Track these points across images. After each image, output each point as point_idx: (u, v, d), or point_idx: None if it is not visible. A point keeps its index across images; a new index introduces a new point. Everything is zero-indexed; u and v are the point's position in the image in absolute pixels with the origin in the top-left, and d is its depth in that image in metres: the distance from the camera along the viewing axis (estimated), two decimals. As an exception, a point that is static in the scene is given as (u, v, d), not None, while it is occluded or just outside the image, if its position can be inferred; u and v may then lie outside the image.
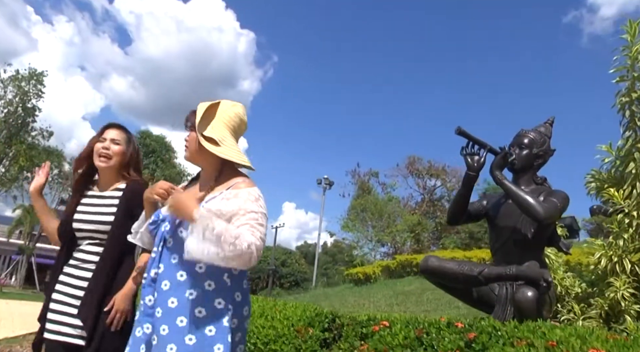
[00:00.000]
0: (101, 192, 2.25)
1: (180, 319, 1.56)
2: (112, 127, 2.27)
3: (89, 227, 2.15)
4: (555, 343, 1.87)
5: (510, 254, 2.84)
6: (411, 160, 31.85)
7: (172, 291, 1.59)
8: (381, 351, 2.27)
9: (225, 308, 1.58)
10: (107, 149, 2.20)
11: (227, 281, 1.62)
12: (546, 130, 3.16)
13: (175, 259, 1.63)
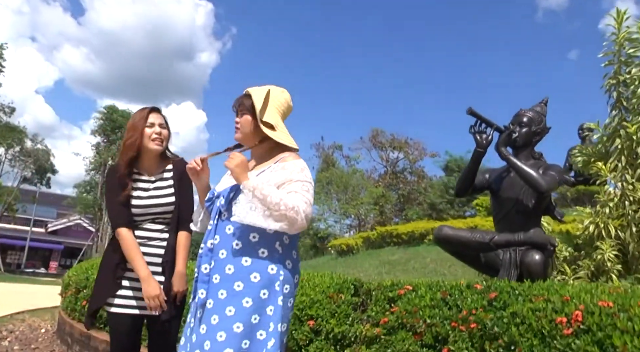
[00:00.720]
0: (154, 176, 2.38)
1: (237, 284, 1.74)
2: (154, 112, 2.38)
3: (155, 210, 2.32)
4: (569, 298, 2.19)
5: (513, 223, 3.15)
6: (374, 133, 32.23)
7: (228, 259, 1.77)
8: (411, 312, 2.54)
9: (277, 274, 1.77)
10: (160, 133, 2.34)
11: (278, 249, 1.80)
12: (542, 109, 3.46)
13: (230, 229, 1.81)
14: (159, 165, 2.41)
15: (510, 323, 2.23)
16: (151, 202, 2.32)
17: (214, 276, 1.79)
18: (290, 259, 1.84)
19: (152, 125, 2.33)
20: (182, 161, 2.44)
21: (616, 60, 3.43)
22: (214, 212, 1.88)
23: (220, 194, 1.89)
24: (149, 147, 2.32)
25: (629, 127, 3.22)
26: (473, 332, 2.33)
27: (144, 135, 2.31)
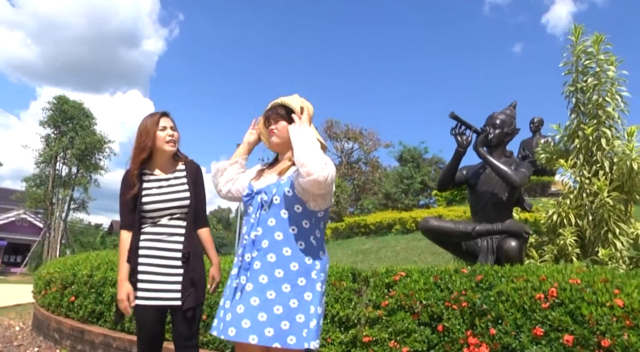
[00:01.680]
0: (167, 175, 2.56)
1: (278, 271, 1.97)
2: (165, 116, 2.56)
3: (171, 205, 2.50)
4: (545, 277, 2.59)
5: (488, 214, 3.56)
6: (329, 124, 32.65)
7: (270, 249, 2.00)
8: (408, 295, 2.88)
9: (313, 264, 2.03)
10: (172, 135, 2.53)
11: (313, 242, 2.05)
12: (511, 112, 3.88)
13: (272, 222, 2.04)
14: (172, 165, 2.60)
15: (496, 301, 2.61)
16: (167, 197, 2.50)
17: (255, 263, 2.01)
18: (323, 251, 2.12)
19: (164, 129, 2.51)
20: (193, 162, 2.66)
21: (574, 69, 3.89)
22: (256, 206, 2.10)
23: (261, 190, 2.11)
24: (164, 149, 2.51)
25: (586, 129, 3.68)
26: (464, 310, 2.70)
27: (157, 138, 2.49)
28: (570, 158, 3.82)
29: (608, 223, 3.42)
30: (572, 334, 2.32)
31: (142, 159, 2.49)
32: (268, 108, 2.24)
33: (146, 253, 2.48)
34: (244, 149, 2.35)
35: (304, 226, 2.04)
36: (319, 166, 1.87)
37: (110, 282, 4.46)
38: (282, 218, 2.03)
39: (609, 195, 3.42)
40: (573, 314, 2.37)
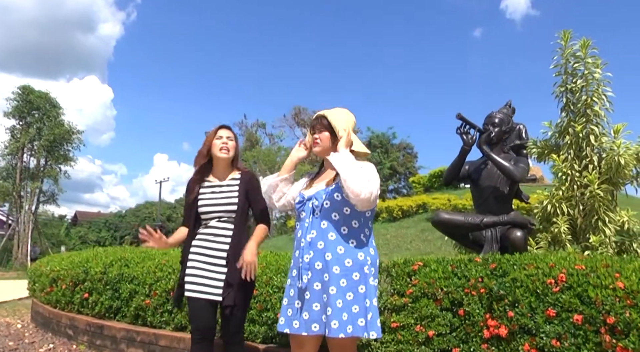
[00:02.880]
0: (221, 182, 2.82)
1: (335, 268, 2.23)
2: (224, 128, 2.85)
3: (219, 209, 2.75)
4: (553, 264, 2.93)
5: (491, 206, 3.89)
6: (297, 111, 32.73)
7: (326, 249, 2.26)
8: (429, 283, 3.18)
9: (365, 259, 2.28)
10: (226, 144, 2.78)
11: (363, 240, 2.32)
12: (508, 111, 4.21)
13: (324, 225, 2.29)
14: (228, 173, 2.86)
15: (512, 286, 2.93)
16: (216, 201, 2.77)
17: (315, 263, 2.26)
18: (372, 247, 2.38)
19: (220, 138, 2.80)
20: (248, 171, 2.92)
21: (563, 71, 4.23)
22: (308, 211, 2.36)
23: (312, 197, 2.37)
24: (218, 156, 2.79)
25: (576, 126, 4.05)
26: (482, 296, 3.02)
27: (213, 145, 2.78)
28: (561, 153, 4.18)
29: (598, 212, 3.80)
30: (581, 314, 2.66)
31: (200, 164, 2.77)
32: (313, 118, 2.50)
33: (195, 250, 2.76)
34: (291, 165, 2.57)
35: (353, 225, 2.30)
36: (361, 189, 2.12)
37: (127, 278, 4.60)
38: (333, 220, 2.28)
39: (598, 187, 3.80)
40: (581, 296, 2.71)
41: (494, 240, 3.76)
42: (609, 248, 3.79)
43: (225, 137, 2.80)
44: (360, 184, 2.14)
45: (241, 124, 33.18)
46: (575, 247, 3.94)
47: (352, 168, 2.19)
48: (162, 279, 4.26)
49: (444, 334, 3.03)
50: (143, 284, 4.38)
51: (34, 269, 7.00)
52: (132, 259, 4.84)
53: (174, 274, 4.21)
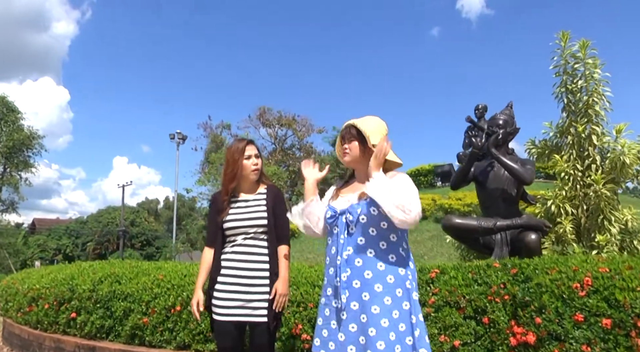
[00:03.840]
0: (247, 197, 2.67)
1: (377, 286, 2.10)
2: (250, 144, 2.68)
3: (243, 224, 2.58)
4: (577, 268, 2.91)
5: (499, 208, 3.86)
6: (262, 111, 32.41)
7: (365, 266, 2.13)
8: (451, 291, 3.11)
9: (405, 274, 2.16)
10: (257, 164, 2.64)
11: (402, 254, 2.20)
12: (510, 112, 4.20)
13: (362, 241, 2.16)
14: (254, 188, 2.71)
15: (537, 292, 2.89)
16: (242, 217, 2.60)
17: (353, 282, 2.13)
18: (411, 260, 2.27)
19: (249, 158, 2.62)
20: (274, 186, 2.77)
21: (562, 71, 4.26)
22: (342, 227, 2.22)
23: (345, 211, 2.23)
24: (250, 178, 2.64)
25: (578, 126, 4.07)
26: (506, 302, 2.97)
27: (244, 167, 2.61)
28: (563, 153, 4.20)
29: (604, 211, 3.84)
30: (609, 318, 2.64)
31: (232, 187, 2.61)
32: (342, 128, 2.37)
33: (225, 272, 2.56)
34: (312, 188, 2.43)
35: (391, 239, 2.18)
36: (406, 216, 2.01)
37: (119, 295, 4.36)
38: (370, 236, 2.16)
39: (604, 186, 3.83)
40: (608, 299, 2.69)
41: (504, 243, 3.73)
42: (615, 247, 3.82)
43: (254, 156, 2.65)
44: (404, 211, 2.03)
45: (205, 125, 32.64)
46: (581, 247, 3.96)
47: (392, 197, 2.05)
48: (160, 296, 4.04)
49: (469, 344, 2.96)
50: (139, 302, 4.14)
51: (5, 287, 6.58)
52: (123, 275, 4.58)
53: (173, 290, 4.00)
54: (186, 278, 4.12)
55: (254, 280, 2.52)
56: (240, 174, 2.60)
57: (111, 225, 41.18)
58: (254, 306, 2.50)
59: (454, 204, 9.34)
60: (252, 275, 2.53)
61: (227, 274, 2.54)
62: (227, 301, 2.50)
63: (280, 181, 27.93)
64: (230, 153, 2.61)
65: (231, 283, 2.52)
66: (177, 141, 35.10)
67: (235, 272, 2.53)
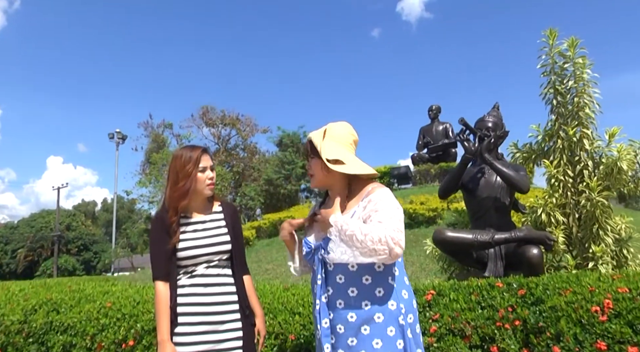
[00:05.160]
0: (202, 217, 2.20)
1: (364, 328, 1.78)
2: (204, 153, 2.20)
3: (207, 251, 2.13)
4: (594, 288, 2.60)
5: (492, 219, 3.55)
6: (204, 110, 31.78)
7: (348, 308, 1.81)
8: (454, 317, 2.73)
9: (397, 308, 1.82)
10: (212, 178, 2.19)
11: (392, 283, 1.85)
12: (498, 114, 3.91)
13: (341, 279, 1.83)
14: (207, 206, 2.25)
15: (552, 317, 2.57)
16: (203, 242, 2.14)
17: (337, 327, 1.81)
18: (405, 287, 1.90)
19: (204, 170, 2.16)
20: (230, 203, 2.37)
21: (551, 72, 4.01)
22: (319, 264, 1.88)
23: (318, 246, 1.89)
24: (204, 193, 2.18)
25: (568, 130, 3.83)
26: (516, 328, 2.63)
27: (198, 181, 2.14)
28: (551, 158, 3.95)
29: (599, 220, 3.60)
30: (635, 346, 2.34)
31: (183, 205, 2.12)
32: None
33: (185, 310, 2.07)
34: (290, 243, 2.12)
35: (377, 270, 1.84)
36: (384, 256, 1.70)
37: (58, 327, 3.69)
38: (350, 272, 1.83)
39: (599, 194, 3.59)
40: (632, 324, 2.40)
41: (498, 257, 3.42)
42: (610, 258, 3.60)
43: (209, 169, 2.18)
44: (382, 254, 1.70)
45: (146, 125, 31.46)
46: (575, 258, 3.71)
47: (364, 244, 1.71)
48: (108, 327, 3.43)
49: (478, 377, 2.60)
50: (82, 335, 3.51)
51: None
52: (62, 302, 3.91)
53: (124, 320, 3.41)
54: (139, 306, 3.52)
55: (223, 316, 2.07)
56: (194, 189, 2.11)
57: (45, 230, 38.68)
58: (225, 347, 2.04)
59: (418, 209, 9.10)
60: (220, 310, 2.07)
61: (188, 313, 2.05)
62: (192, 346, 2.01)
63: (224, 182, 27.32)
64: (181, 163, 2.11)
65: (195, 323, 2.04)
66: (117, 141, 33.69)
67: (199, 309, 2.05)
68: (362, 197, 1.87)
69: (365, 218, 1.80)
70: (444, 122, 15.92)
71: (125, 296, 3.82)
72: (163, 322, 2.00)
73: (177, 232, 2.09)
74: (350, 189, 1.95)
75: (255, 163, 30.44)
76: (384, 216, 1.76)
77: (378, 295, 1.80)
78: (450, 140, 14.92)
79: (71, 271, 37.18)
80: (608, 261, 3.55)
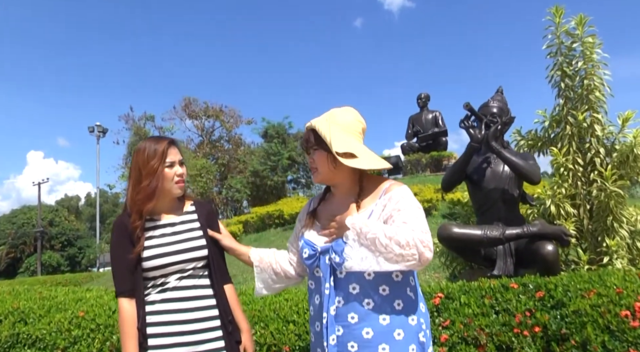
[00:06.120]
0: (173, 219, 1.89)
1: (382, 347, 1.51)
2: (172, 146, 1.87)
3: (178, 259, 1.81)
4: (622, 290, 2.34)
5: (500, 212, 3.27)
6: (187, 102, 31.13)
7: (363, 322, 1.54)
8: (466, 324, 2.46)
9: (418, 323, 1.58)
10: (182, 175, 1.87)
11: (411, 295, 1.61)
12: (502, 99, 3.62)
13: (355, 289, 1.56)
14: (177, 206, 1.93)
15: (576, 322, 2.30)
16: (174, 249, 1.81)
17: (348, 344, 1.54)
18: (421, 300, 1.66)
19: (172, 165, 1.83)
20: (204, 202, 2.05)
21: (558, 53, 3.73)
22: (326, 270, 1.59)
23: (327, 249, 1.60)
24: (172, 192, 1.86)
25: (577, 115, 3.56)
26: (536, 335, 2.36)
27: (165, 178, 1.81)
28: (559, 146, 3.69)
29: (614, 212, 3.35)
30: (672, 354, 2.10)
31: (149, 208, 1.80)
32: (303, 136, 1.74)
33: (156, 331, 1.75)
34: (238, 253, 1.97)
35: (394, 279, 1.58)
36: (412, 262, 1.44)
37: (25, 339, 3.35)
38: (366, 281, 1.56)
39: (613, 183, 3.34)
40: (667, 329, 2.15)
41: (508, 254, 3.15)
42: (624, 251, 3.36)
43: (178, 164, 1.85)
44: (410, 260, 1.44)
45: (127, 117, 30.66)
46: (587, 253, 3.46)
47: (388, 250, 1.44)
48: (81, 340, 3.10)
49: (495, 391, 2.33)
50: (52, 348, 3.18)
51: None
52: (31, 311, 3.56)
53: (98, 332, 3.08)
54: (116, 315, 3.19)
55: (201, 335, 1.76)
56: (161, 188, 1.79)
57: (27, 226, 37.94)
58: None
59: (412, 200, 8.82)
60: (197, 328, 1.76)
61: (160, 334, 1.74)
62: None
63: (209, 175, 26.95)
64: (144, 159, 1.79)
65: (168, 345, 1.73)
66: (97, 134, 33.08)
67: (173, 328, 1.74)
68: (379, 195, 1.62)
69: (386, 218, 1.54)
70: (433, 110, 15.62)
71: (100, 303, 3.48)
72: (130, 347, 1.69)
73: (142, 238, 1.77)
74: (362, 185, 1.68)
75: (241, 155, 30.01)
76: (408, 216, 1.50)
77: (397, 308, 1.55)
78: (440, 129, 14.68)
79: (55, 267, 36.56)
80: (624, 255, 3.31)
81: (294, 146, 27.09)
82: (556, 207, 3.57)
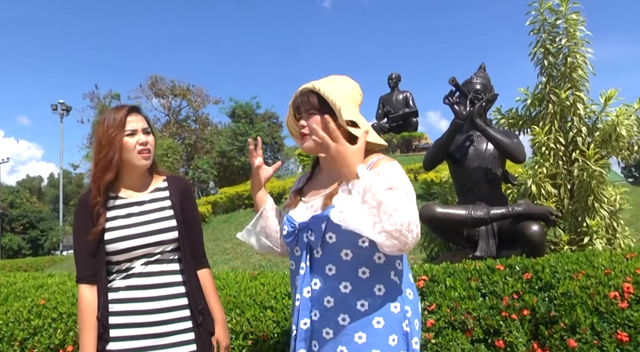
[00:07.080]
0: (139, 197, 1.71)
1: (359, 335, 1.39)
2: (133, 113, 1.68)
3: (146, 241, 1.64)
4: (610, 270, 2.30)
5: (483, 192, 3.19)
6: (153, 80, 30.53)
7: (339, 308, 1.42)
8: (453, 308, 2.37)
9: (401, 311, 1.44)
10: (145, 143, 1.67)
11: (395, 280, 1.47)
12: (485, 76, 3.52)
13: (332, 270, 1.43)
14: (146, 182, 1.75)
15: (564, 305, 2.24)
16: (139, 230, 1.64)
17: (323, 331, 1.42)
18: (409, 285, 1.51)
19: (133, 133, 1.65)
20: (178, 178, 1.84)
21: (541, 29, 3.65)
22: (303, 249, 1.46)
23: (305, 225, 1.46)
24: (135, 164, 1.67)
25: (560, 93, 3.50)
26: (524, 319, 2.30)
27: (125, 147, 1.63)
28: (541, 124, 3.63)
29: (595, 192, 3.32)
30: (661, 335, 2.06)
31: (107, 180, 1.62)
32: (296, 94, 1.56)
33: (119, 321, 1.60)
34: (262, 192, 1.75)
35: (377, 262, 1.43)
36: (397, 242, 1.22)
37: None
38: (344, 261, 1.42)
39: (595, 162, 3.30)
40: (656, 311, 2.12)
41: (490, 234, 3.08)
42: (604, 231, 3.35)
43: (140, 131, 1.66)
44: (397, 238, 1.22)
45: (92, 95, 29.95)
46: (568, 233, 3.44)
47: (379, 218, 1.22)
48: (42, 330, 2.88)
49: (482, 376, 2.26)
50: (10, 340, 2.94)
51: None
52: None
53: (60, 321, 2.87)
54: (79, 303, 2.97)
55: (167, 326, 1.61)
56: (120, 159, 1.62)
57: (-14, 208, 36.52)
58: None
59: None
60: (163, 319, 1.61)
61: (122, 324, 1.58)
62: (124, 341, 1.57)
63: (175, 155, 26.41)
64: (104, 128, 1.62)
65: (131, 337, 1.57)
66: (61, 112, 31.98)
67: (136, 319, 1.59)
68: (367, 167, 1.42)
69: None
70: (404, 90, 15.55)
71: (63, 290, 3.25)
72: (87, 338, 1.54)
73: (102, 217, 1.60)
74: None
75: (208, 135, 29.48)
76: (404, 198, 1.30)
77: (378, 294, 1.41)
78: (411, 109, 14.64)
79: (16, 250, 35.44)
80: (603, 235, 3.30)
81: (262, 127, 26.70)
82: (537, 186, 3.52)
